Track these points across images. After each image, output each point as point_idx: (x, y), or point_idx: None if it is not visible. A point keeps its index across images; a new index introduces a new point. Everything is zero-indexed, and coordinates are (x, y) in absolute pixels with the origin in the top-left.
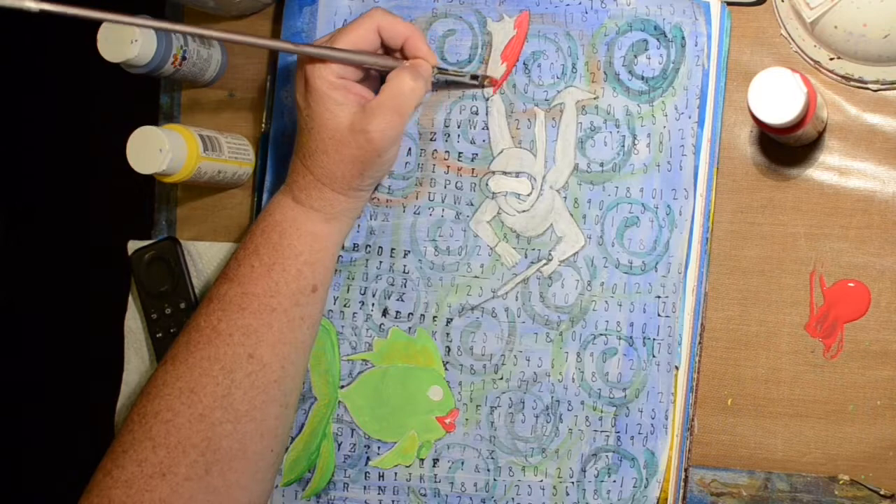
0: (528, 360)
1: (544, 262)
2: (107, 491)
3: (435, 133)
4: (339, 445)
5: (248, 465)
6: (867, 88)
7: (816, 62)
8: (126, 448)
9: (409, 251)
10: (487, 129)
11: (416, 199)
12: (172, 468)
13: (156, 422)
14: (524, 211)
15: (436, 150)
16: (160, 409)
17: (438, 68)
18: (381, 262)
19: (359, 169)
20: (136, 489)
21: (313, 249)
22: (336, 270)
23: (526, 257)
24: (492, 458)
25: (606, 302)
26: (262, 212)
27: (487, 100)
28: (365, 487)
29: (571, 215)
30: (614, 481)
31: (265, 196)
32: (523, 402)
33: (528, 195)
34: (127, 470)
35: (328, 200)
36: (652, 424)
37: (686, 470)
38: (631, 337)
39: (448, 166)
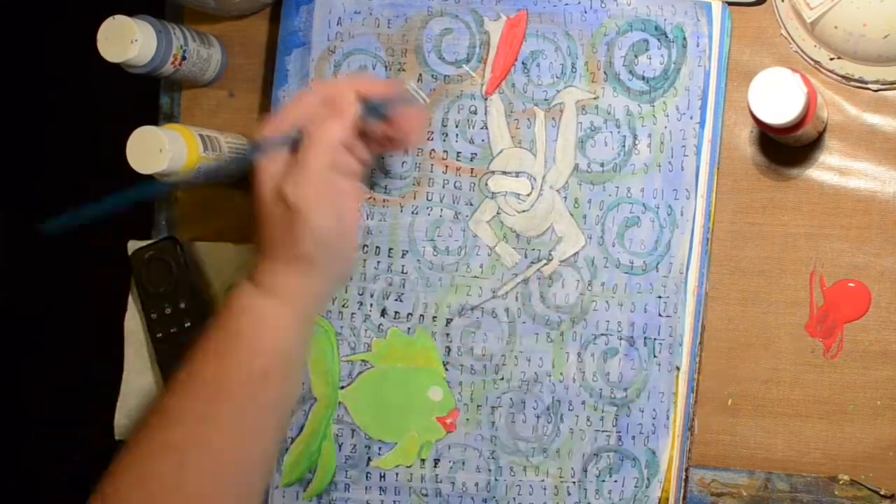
0: (529, 361)
1: (544, 262)
2: None
3: (432, 132)
4: (340, 446)
5: None
6: (867, 88)
7: (816, 62)
8: None
9: (407, 251)
10: (486, 128)
11: (415, 198)
12: None
13: None
14: (524, 211)
15: (433, 149)
16: (112, 493)
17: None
18: (378, 262)
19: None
20: None
21: (264, 336)
22: None
23: (526, 257)
24: (493, 458)
25: (607, 302)
26: (225, 300)
27: (486, 99)
28: (366, 488)
29: (571, 215)
30: (615, 481)
31: None
32: (524, 402)
33: (528, 195)
34: None
35: (281, 279)
36: (653, 424)
37: (687, 470)
38: (632, 337)
39: (446, 166)
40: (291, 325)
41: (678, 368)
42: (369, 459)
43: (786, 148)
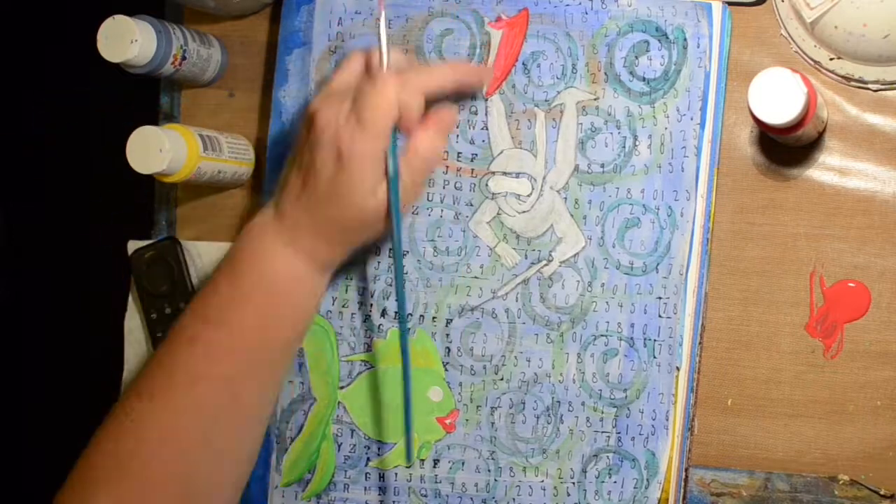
0: (529, 361)
1: (544, 262)
2: None
3: None
4: (339, 446)
5: (224, 491)
6: (867, 88)
7: (816, 62)
8: (99, 482)
9: (407, 251)
10: (487, 129)
11: None
12: (148, 502)
13: (133, 460)
14: (524, 212)
15: None
16: (137, 448)
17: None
18: (379, 262)
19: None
20: None
21: (313, 304)
22: None
23: (526, 258)
24: (492, 459)
25: (607, 303)
26: (255, 256)
27: (487, 100)
28: (365, 488)
29: (572, 216)
30: (615, 482)
31: (265, 196)
32: (524, 403)
33: (529, 196)
34: (101, 502)
35: (338, 259)
36: (653, 425)
37: (686, 470)
38: (632, 338)
39: (447, 166)
40: (325, 289)
41: (678, 369)
42: (368, 460)
43: (786, 148)
